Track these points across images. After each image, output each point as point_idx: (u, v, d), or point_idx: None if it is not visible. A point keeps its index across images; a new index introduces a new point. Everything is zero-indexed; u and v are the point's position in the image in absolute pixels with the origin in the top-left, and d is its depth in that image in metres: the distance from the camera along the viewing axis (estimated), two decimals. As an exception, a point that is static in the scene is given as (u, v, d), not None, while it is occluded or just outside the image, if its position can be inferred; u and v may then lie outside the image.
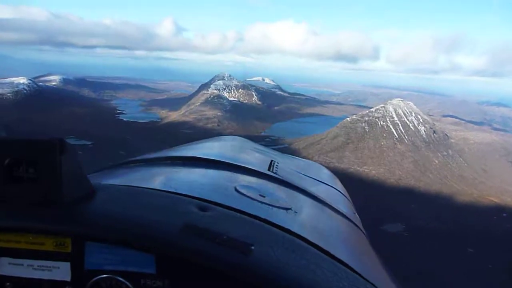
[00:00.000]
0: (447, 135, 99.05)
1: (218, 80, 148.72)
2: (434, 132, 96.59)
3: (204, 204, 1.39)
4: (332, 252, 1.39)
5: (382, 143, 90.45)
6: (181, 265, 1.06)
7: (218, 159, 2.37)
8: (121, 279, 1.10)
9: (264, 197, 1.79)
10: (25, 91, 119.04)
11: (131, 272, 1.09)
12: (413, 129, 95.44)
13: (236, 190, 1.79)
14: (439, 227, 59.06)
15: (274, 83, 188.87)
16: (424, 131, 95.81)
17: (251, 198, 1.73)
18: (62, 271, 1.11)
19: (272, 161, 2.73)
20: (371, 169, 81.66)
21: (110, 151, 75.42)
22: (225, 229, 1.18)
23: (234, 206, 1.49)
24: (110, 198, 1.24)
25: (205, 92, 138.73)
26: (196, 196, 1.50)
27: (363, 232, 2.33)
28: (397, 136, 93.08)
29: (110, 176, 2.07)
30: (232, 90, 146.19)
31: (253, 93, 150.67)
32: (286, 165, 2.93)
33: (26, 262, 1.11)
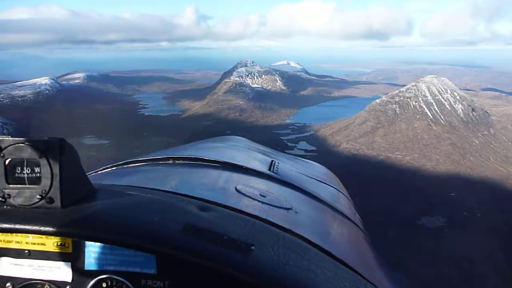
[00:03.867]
0: (487, 112, 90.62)
1: (240, 67, 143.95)
2: (473, 110, 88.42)
3: (205, 204, 1.42)
4: (332, 252, 1.43)
5: (416, 126, 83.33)
6: (182, 265, 1.07)
7: (219, 160, 2.46)
8: (122, 279, 1.13)
9: (264, 197, 1.86)
10: (47, 91, 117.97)
11: (132, 273, 1.12)
12: (449, 108, 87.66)
13: (236, 190, 1.86)
14: (486, 218, 51.97)
15: (300, 67, 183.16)
16: (462, 109, 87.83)
17: (252, 198, 1.78)
18: (63, 271, 1.14)
19: (272, 161, 2.84)
20: (404, 155, 74.92)
21: (125, 150, 72.63)
22: (226, 229, 1.20)
23: (235, 206, 1.54)
24: (111, 199, 1.25)
25: (227, 80, 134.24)
26: (197, 196, 1.54)
27: (363, 232, 2.46)
28: (431, 116, 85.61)
29: (111, 176, 2.24)
30: (255, 77, 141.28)
31: (277, 78, 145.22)
32: (287, 165, 3.04)
33: (27, 262, 1.14)
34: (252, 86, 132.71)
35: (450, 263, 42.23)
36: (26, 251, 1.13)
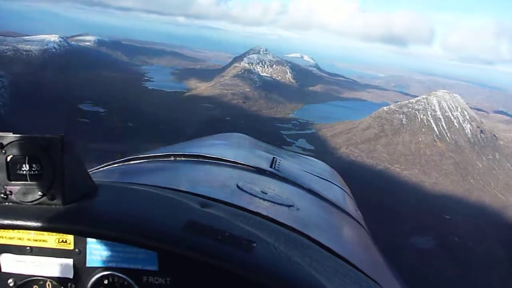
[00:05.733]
0: (495, 136, 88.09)
1: (252, 54, 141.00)
2: (481, 131, 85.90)
3: (206, 201, 1.44)
4: (334, 249, 1.45)
5: (420, 139, 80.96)
6: (184, 262, 1.08)
7: (220, 157, 2.50)
8: (123, 276, 1.14)
9: (266, 194, 1.89)
10: (54, 50, 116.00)
11: (133, 269, 1.14)
12: (457, 126, 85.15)
13: (238, 187, 1.88)
14: (478, 246, 49.89)
15: (313, 61, 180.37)
16: (470, 129, 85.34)
17: (253, 195, 1.81)
18: (64, 268, 1.15)
19: (274, 158, 2.89)
20: (403, 168, 72.61)
21: (119, 121, 70.83)
22: (227, 226, 1.21)
23: (237, 203, 1.55)
24: (112, 196, 1.27)
25: (237, 65, 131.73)
26: (199, 193, 1.56)
27: (365, 229, 2.49)
28: (437, 132, 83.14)
29: (113, 173, 2.27)
30: (266, 66, 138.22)
31: (288, 70, 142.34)
32: (288, 163, 3.08)
33: (29, 259, 1.15)
34: (261, 74, 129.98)
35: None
36: (28, 248, 1.14)
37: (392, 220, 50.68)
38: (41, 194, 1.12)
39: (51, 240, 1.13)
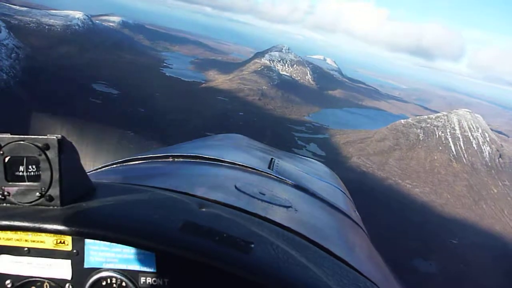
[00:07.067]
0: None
1: (274, 51, 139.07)
2: (500, 155, 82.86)
3: (204, 202, 1.44)
4: (332, 250, 1.45)
5: (435, 157, 78.51)
6: (182, 263, 1.10)
7: (218, 158, 2.50)
8: (121, 277, 1.16)
9: (264, 195, 1.90)
10: (76, 27, 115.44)
11: (131, 270, 1.15)
12: (475, 147, 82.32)
13: (236, 188, 1.88)
14: (484, 279, 46.68)
15: (335, 65, 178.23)
16: (489, 152, 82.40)
17: (251, 196, 1.81)
18: (62, 269, 1.16)
19: (272, 159, 2.94)
20: (415, 185, 70.36)
21: (130, 105, 69.75)
22: (226, 227, 1.22)
23: (235, 204, 1.57)
24: (110, 197, 1.27)
25: (258, 61, 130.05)
26: (197, 194, 1.57)
27: (363, 230, 2.50)
28: (454, 152, 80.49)
29: (111, 174, 2.25)
30: (287, 64, 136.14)
31: (308, 72, 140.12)
32: (287, 163, 3.11)
33: (27, 260, 1.16)
34: (281, 73, 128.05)
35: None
36: (26, 249, 1.15)
37: (395, 238, 48.63)
38: (39, 195, 1.12)
39: (49, 241, 1.13)
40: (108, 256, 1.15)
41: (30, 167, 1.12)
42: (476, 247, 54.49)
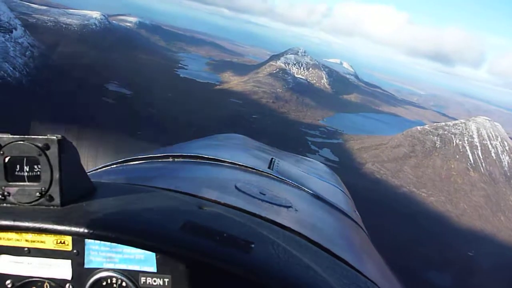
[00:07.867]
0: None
1: (290, 54, 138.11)
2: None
3: (204, 202, 1.45)
4: (332, 249, 1.46)
5: (452, 166, 76.76)
6: (182, 263, 1.11)
7: (218, 158, 2.51)
8: (121, 277, 1.16)
9: (264, 195, 1.91)
10: (93, 26, 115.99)
11: (131, 270, 1.16)
12: (494, 157, 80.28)
13: (236, 188, 1.89)
14: None
15: (351, 69, 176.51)
16: (508, 162, 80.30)
17: (252, 196, 1.83)
18: (62, 269, 1.16)
19: (272, 159, 2.94)
20: (430, 194, 68.72)
21: (142, 106, 69.27)
22: (226, 227, 1.23)
23: (235, 204, 1.57)
24: (110, 197, 1.28)
25: (273, 63, 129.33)
26: (197, 194, 1.58)
27: (363, 230, 2.53)
28: (472, 161, 78.65)
29: (111, 174, 2.26)
30: (302, 68, 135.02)
31: (324, 75, 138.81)
32: (287, 163, 3.12)
33: (27, 260, 1.16)
34: (296, 76, 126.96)
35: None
36: (26, 249, 1.15)
37: (409, 248, 47.15)
38: (39, 195, 1.12)
39: (49, 241, 1.13)
40: (108, 256, 1.15)
41: (30, 167, 1.12)
42: (493, 260, 52.61)
